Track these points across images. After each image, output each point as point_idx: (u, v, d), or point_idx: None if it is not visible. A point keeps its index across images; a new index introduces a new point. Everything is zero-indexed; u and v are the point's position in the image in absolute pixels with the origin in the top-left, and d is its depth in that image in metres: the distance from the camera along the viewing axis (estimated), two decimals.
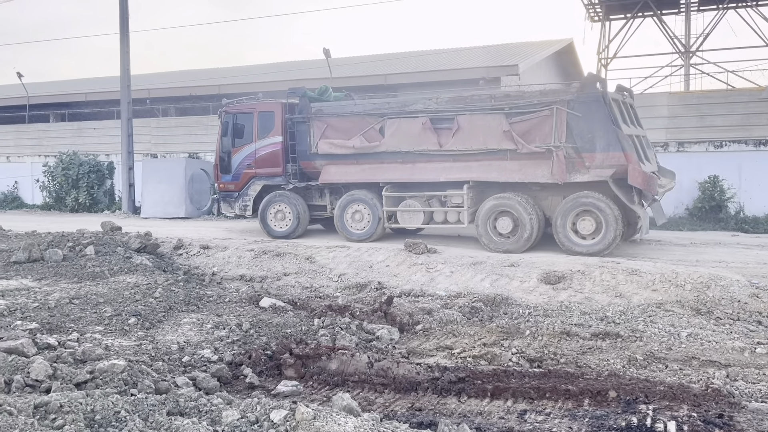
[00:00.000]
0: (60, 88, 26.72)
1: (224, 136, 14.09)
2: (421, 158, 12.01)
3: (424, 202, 12.16)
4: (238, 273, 10.84)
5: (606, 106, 10.49)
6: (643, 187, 10.39)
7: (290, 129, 13.29)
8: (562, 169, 10.66)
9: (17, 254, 9.96)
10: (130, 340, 6.65)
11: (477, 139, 11.45)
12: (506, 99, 11.46)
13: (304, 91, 13.49)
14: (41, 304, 7.68)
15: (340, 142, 12.64)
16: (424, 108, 12.00)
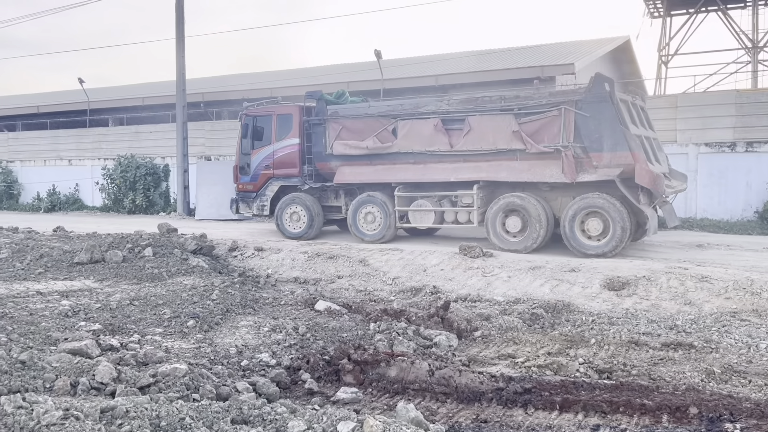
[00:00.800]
0: (118, 93, 27.53)
1: (244, 138, 14.45)
2: (433, 159, 12.21)
3: (435, 202, 12.34)
4: (292, 275, 10.83)
5: (613, 106, 10.50)
6: (650, 186, 10.33)
7: (307, 131, 13.65)
8: (571, 168, 10.74)
9: (80, 255, 10.19)
10: (189, 343, 6.66)
11: (487, 139, 11.59)
12: (516, 100, 11.57)
13: (321, 94, 13.87)
14: (103, 305, 7.80)
15: (354, 143, 12.90)
16: (435, 109, 12.22)
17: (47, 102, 28.25)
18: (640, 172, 10.27)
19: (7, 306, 7.40)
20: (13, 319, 6.93)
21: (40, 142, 25.72)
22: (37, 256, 10.48)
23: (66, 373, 4.91)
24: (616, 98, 10.56)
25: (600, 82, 10.75)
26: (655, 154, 11.41)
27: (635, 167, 10.30)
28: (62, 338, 6.34)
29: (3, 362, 5.14)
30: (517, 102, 11.46)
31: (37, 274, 9.40)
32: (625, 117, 10.63)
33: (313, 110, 13.69)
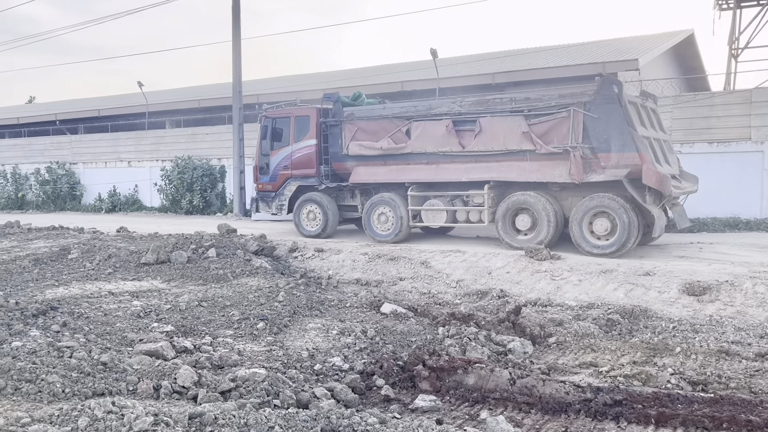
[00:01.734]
0: (175, 96, 28.10)
1: (263, 139, 14.88)
2: (445, 159, 12.46)
3: (447, 202, 12.55)
4: (353, 277, 10.74)
5: (621, 108, 10.63)
6: (657, 186, 10.44)
7: (324, 132, 13.99)
8: (579, 169, 10.91)
9: (146, 256, 10.34)
10: (261, 346, 6.62)
11: (498, 140, 11.81)
12: (526, 101, 11.74)
13: (338, 96, 14.16)
14: (173, 306, 7.85)
15: (369, 144, 13.23)
16: (448, 111, 12.46)
17: (107, 105, 29.05)
18: (647, 172, 10.39)
19: (81, 306, 7.52)
20: (88, 320, 7.04)
21: (101, 145, 26.47)
22: (105, 257, 10.69)
23: (147, 376, 4.90)
24: (624, 100, 10.67)
25: (608, 83, 10.86)
26: (665, 155, 11.54)
27: (642, 168, 10.42)
28: (137, 339, 6.39)
29: (85, 364, 5.18)
30: (527, 103, 11.65)
31: (107, 275, 9.56)
32: (633, 118, 10.73)
33: (330, 112, 14.02)
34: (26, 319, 6.75)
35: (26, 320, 6.73)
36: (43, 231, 15.92)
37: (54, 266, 10.17)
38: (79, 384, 4.72)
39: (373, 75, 21.91)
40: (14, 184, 28.03)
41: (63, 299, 7.75)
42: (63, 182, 26.35)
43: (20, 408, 4.33)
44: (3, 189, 28.32)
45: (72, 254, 10.93)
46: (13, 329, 6.34)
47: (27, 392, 4.57)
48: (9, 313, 6.78)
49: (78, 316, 7.13)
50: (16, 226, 16.96)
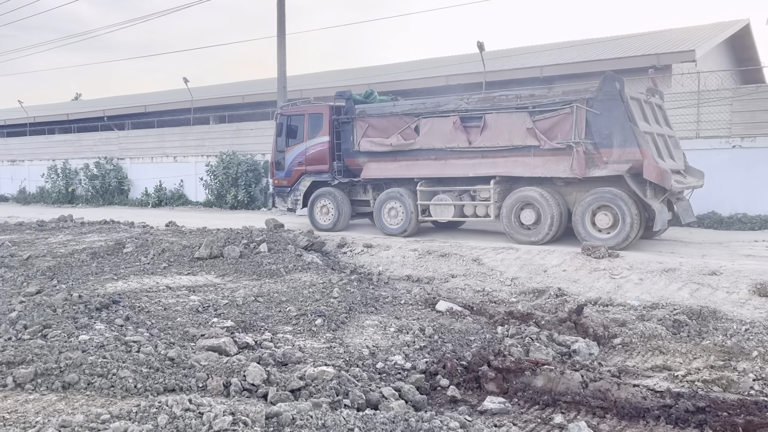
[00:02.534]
0: (219, 91, 28.39)
1: (279, 136, 15.28)
2: (452, 155, 12.69)
3: (455, 197, 12.72)
4: (404, 273, 10.63)
5: (623, 104, 10.75)
6: (657, 181, 10.57)
7: (336, 129, 14.36)
8: (582, 164, 11.07)
9: (200, 251, 10.41)
10: (320, 342, 6.56)
11: (503, 136, 12.00)
12: (531, 98, 11.88)
13: (350, 94, 14.54)
14: (230, 302, 7.87)
15: (379, 140, 13.54)
16: (455, 107, 12.68)
17: (153, 101, 29.55)
18: (647, 167, 10.53)
19: (141, 300, 7.59)
20: (149, 314, 7.09)
21: (148, 140, 26.93)
22: (159, 251, 10.80)
23: (216, 373, 4.88)
24: (626, 96, 10.78)
25: (610, 80, 10.97)
26: (669, 150, 11.71)
27: (643, 163, 10.56)
28: (199, 334, 6.40)
29: (153, 359, 5.19)
30: (532, 100, 11.81)
31: (163, 269, 9.66)
32: (635, 114, 10.82)
33: (343, 109, 14.35)
34: (90, 313, 6.84)
35: (90, 314, 6.82)
36: (95, 225, 16.25)
37: (110, 260, 10.32)
38: (149, 379, 4.72)
39: (414, 69, 21.73)
40: (64, 179, 28.77)
41: (123, 293, 7.83)
42: (111, 177, 26.91)
43: (95, 403, 4.35)
44: (54, 184, 29.08)
45: (127, 248, 11.08)
46: (78, 322, 6.43)
47: (100, 387, 4.60)
48: (74, 306, 6.87)
49: (139, 310, 7.19)
50: (69, 219, 17.35)
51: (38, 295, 7.51)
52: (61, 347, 5.48)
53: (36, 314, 6.53)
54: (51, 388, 4.58)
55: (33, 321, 6.39)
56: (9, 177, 32.71)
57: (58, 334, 6.02)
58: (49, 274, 8.94)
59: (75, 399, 4.41)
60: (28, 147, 32.33)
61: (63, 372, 4.75)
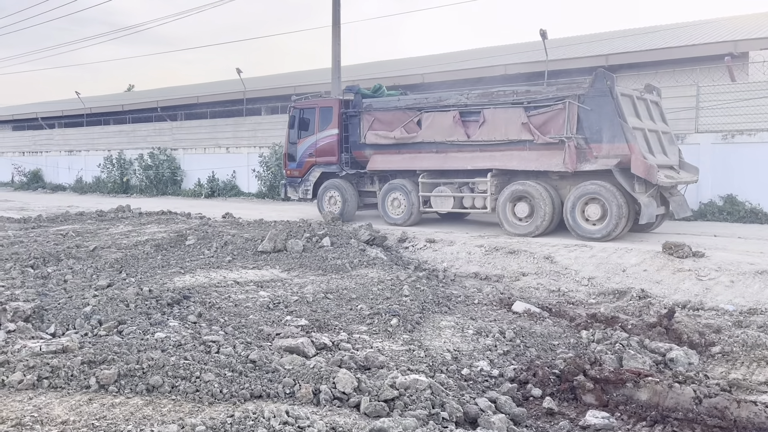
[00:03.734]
0: (271, 82, 28.39)
1: (291, 129, 15.97)
2: (452, 148, 13.18)
3: (455, 189, 13.27)
4: (470, 270, 10.25)
5: (613, 100, 11.08)
6: (644, 175, 10.91)
7: (345, 122, 14.95)
8: (573, 158, 11.47)
9: (263, 244, 10.25)
10: (398, 344, 6.25)
11: (500, 130, 12.43)
12: (526, 94, 12.28)
13: (358, 89, 15.15)
14: (300, 298, 7.64)
15: (384, 134, 14.09)
16: (455, 102, 13.15)
17: (206, 92, 29.76)
18: (635, 162, 10.89)
19: (211, 295, 7.43)
20: (220, 310, 6.91)
21: (200, 131, 27.11)
22: (221, 244, 10.69)
23: (303, 379, 4.62)
24: (616, 93, 11.10)
25: (601, 77, 11.30)
26: (662, 146, 12.01)
27: (631, 158, 10.92)
28: (274, 333, 6.17)
29: (234, 361, 4.97)
30: (527, 96, 12.22)
31: (228, 262, 9.51)
32: (624, 111, 11.12)
33: (351, 103, 14.94)
34: (162, 308, 6.69)
35: (162, 309, 6.67)
36: (153, 216, 16.34)
37: (174, 252, 10.25)
38: (234, 384, 4.49)
39: (472, 59, 21.16)
40: (119, 169, 29.27)
41: (192, 288, 7.68)
42: (164, 168, 27.23)
43: (182, 409, 4.14)
44: (109, 173, 29.63)
45: (189, 240, 11.01)
46: (152, 318, 6.28)
47: (184, 391, 4.39)
48: (146, 301, 6.74)
49: (210, 306, 7.02)
50: (127, 210, 17.53)
51: (109, 288, 7.43)
52: (139, 345, 5.32)
53: (110, 309, 6.41)
54: (135, 390, 4.40)
55: (107, 316, 6.28)
56: (66, 167, 33.52)
57: (133, 331, 5.89)
58: (116, 266, 8.89)
59: (161, 404, 4.21)
60: (84, 137, 33.04)
61: (146, 374, 4.57)
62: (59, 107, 38.93)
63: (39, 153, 35.47)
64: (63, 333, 5.98)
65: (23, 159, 36.12)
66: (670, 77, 16.00)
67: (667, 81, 15.95)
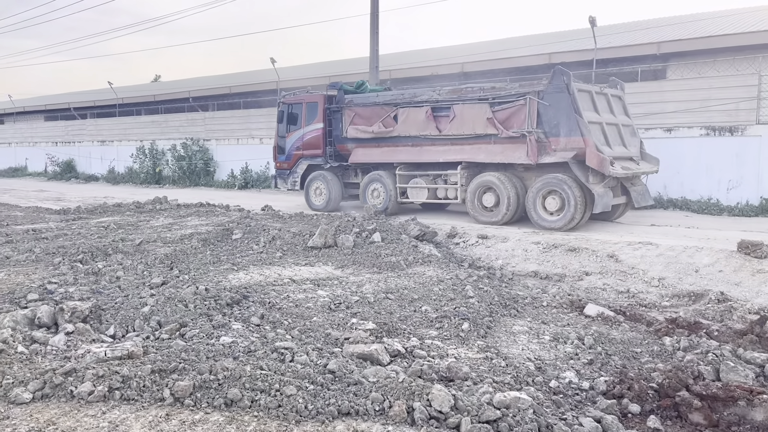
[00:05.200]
0: (305, 72, 28.02)
1: (280, 123, 16.89)
2: (426, 142, 13.94)
3: (429, 181, 14.11)
4: (528, 268, 9.79)
5: (570, 96, 11.65)
6: (597, 167, 11.48)
7: (329, 117, 15.81)
8: (534, 151, 12.13)
9: (313, 240, 9.91)
10: (474, 351, 5.84)
11: (468, 125, 13.13)
12: (491, 90, 13.02)
13: (341, 85, 16.03)
14: (360, 299, 7.27)
15: (363, 128, 14.92)
16: (428, 98, 13.91)
17: (238, 82, 29.51)
18: (589, 155, 11.48)
19: (270, 295, 7.09)
20: (281, 311, 6.57)
21: (233, 122, 26.87)
22: (269, 239, 10.37)
23: (392, 394, 4.24)
24: (573, 89, 11.65)
25: (559, 74, 11.86)
26: (622, 138, 12.57)
27: (586, 151, 11.50)
28: (342, 338, 5.81)
29: (311, 371, 4.62)
30: (492, 92, 12.93)
31: (279, 258, 9.19)
32: (580, 106, 11.63)
33: (334, 99, 15.74)
34: (222, 309, 6.37)
35: (222, 310, 6.36)
36: (191, 208, 16.13)
37: (222, 247, 9.95)
38: (318, 399, 4.14)
39: (515, 48, 20.54)
40: (152, 160, 29.22)
41: (249, 286, 7.36)
42: (197, 158, 27.09)
43: (267, 428, 3.80)
44: (142, 164, 29.61)
45: (235, 235, 10.71)
46: (214, 321, 5.96)
47: (266, 406, 4.05)
48: (204, 302, 6.42)
49: (270, 306, 6.69)
50: (164, 201, 17.35)
51: (164, 286, 7.13)
52: (207, 352, 5.00)
53: (168, 310, 6.11)
54: (212, 404, 4.07)
55: (167, 317, 5.98)
56: (99, 157, 33.64)
57: (196, 334, 5.57)
58: (166, 262, 8.60)
59: (244, 421, 3.87)
60: (117, 127, 33.08)
61: (222, 385, 4.23)
62: (91, 97, 39.07)
63: (72, 143, 35.64)
64: (123, 335, 5.70)
65: (56, 149, 36.35)
66: (729, 66, 15.27)
67: (726, 70, 15.24)
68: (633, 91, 15.68)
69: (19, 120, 43.58)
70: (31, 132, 39.65)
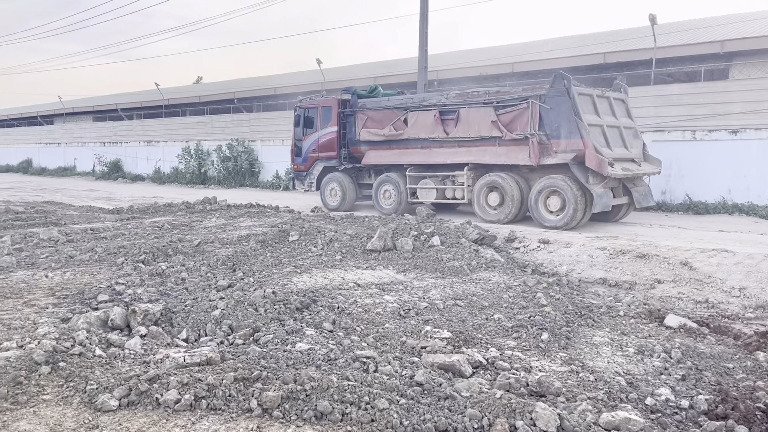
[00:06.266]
0: (351, 72, 27.93)
1: (296, 127, 17.53)
2: (434, 144, 14.39)
3: (438, 181, 14.60)
4: (595, 275, 9.41)
5: (570, 100, 12.04)
6: (596, 168, 11.80)
7: (343, 121, 16.37)
8: (536, 153, 12.52)
9: (372, 243, 9.71)
10: (557, 364, 5.55)
11: (474, 128, 13.59)
12: (496, 94, 13.44)
13: (355, 90, 16.62)
14: (429, 305, 7.03)
15: (375, 131, 15.45)
16: (436, 102, 14.40)
17: (283, 83, 29.58)
18: (588, 156, 11.82)
19: (337, 299, 6.91)
20: (352, 317, 6.38)
21: (278, 123, 26.89)
22: (326, 241, 10.21)
23: (489, 410, 3.99)
24: (573, 93, 12.02)
25: (560, 79, 12.25)
26: (623, 140, 12.90)
27: (585, 152, 11.85)
28: (419, 346, 5.58)
29: (398, 382, 4.40)
30: (497, 96, 13.35)
31: (339, 261, 9.01)
32: (580, 109, 12.00)
33: (348, 103, 16.27)
34: (293, 314, 6.22)
35: (293, 314, 6.20)
36: (242, 208, 16.14)
37: (281, 249, 9.83)
38: (412, 413, 3.92)
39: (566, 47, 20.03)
40: (197, 160, 29.51)
41: (316, 290, 7.19)
42: (243, 159, 27.23)
43: None
44: (187, 164, 29.93)
45: (292, 236, 10.58)
46: (286, 326, 5.80)
47: (358, 420, 3.84)
48: (274, 305, 6.28)
49: (340, 311, 6.50)
50: (213, 201, 17.41)
51: (230, 289, 7.02)
52: (286, 359, 4.84)
53: (240, 314, 5.97)
54: (302, 417, 3.88)
55: (238, 321, 5.84)
56: (145, 157, 34.16)
57: (270, 340, 5.41)
58: (228, 264, 8.51)
59: None
60: (163, 128, 33.54)
61: (309, 396, 4.05)
62: (138, 98, 39.75)
63: (119, 143, 36.30)
64: (195, 339, 5.58)
65: (104, 149, 37.09)
66: None
67: None
68: (695, 92, 15.11)
69: (69, 120, 44.67)
70: (80, 132, 40.55)
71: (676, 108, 15.14)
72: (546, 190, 12.57)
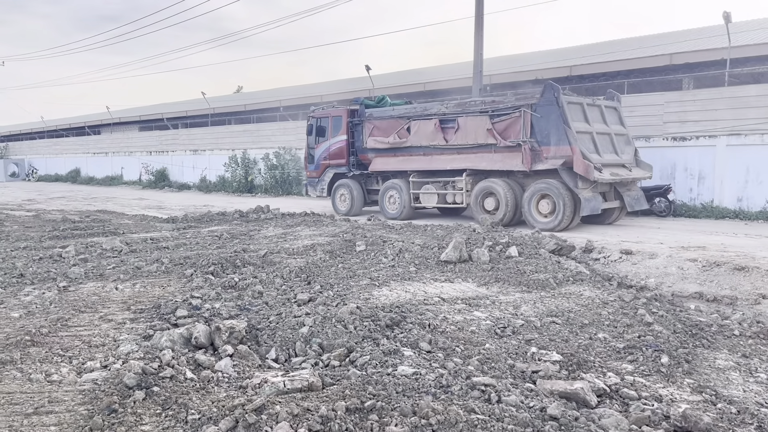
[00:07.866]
0: (400, 79, 27.54)
1: (309, 135, 18.40)
2: (435, 151, 15.19)
3: (439, 187, 15.30)
4: (689, 289, 8.71)
5: (559, 109, 12.74)
6: (583, 173, 12.47)
7: (351, 129, 17.23)
8: (529, 159, 13.31)
9: (447, 254, 9.20)
10: (686, 392, 4.95)
11: (471, 135, 14.37)
12: (491, 103, 14.24)
13: (362, 99, 17.63)
14: (525, 322, 6.48)
15: (380, 139, 16.28)
16: (436, 111, 15.22)
17: (329, 92, 29.34)
18: (576, 162, 12.48)
19: (426, 316, 6.42)
20: (446, 335, 5.87)
21: None
22: (396, 251, 9.76)
23: None
24: (562, 102, 12.74)
25: (550, 89, 13.00)
26: (614, 147, 13.57)
27: (573, 158, 12.51)
28: (529, 371, 5.05)
29: (528, 415, 3.87)
30: (492, 105, 14.17)
31: (414, 273, 8.53)
32: (569, 117, 12.68)
33: (356, 113, 17.12)
34: (383, 331, 5.76)
35: (383, 332, 5.74)
36: (297, 217, 15.85)
37: (350, 260, 9.40)
38: None
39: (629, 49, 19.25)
40: (243, 168, 29.46)
41: (401, 305, 6.72)
42: (290, 167, 27.04)
43: None
44: (234, 173, 29.91)
45: (359, 246, 10.16)
46: (381, 346, 5.33)
47: None
48: (363, 322, 5.82)
49: (432, 329, 6.01)
50: (267, 210, 17.16)
51: (311, 303, 6.60)
52: (394, 385, 4.36)
53: (330, 331, 5.53)
54: None
55: (329, 339, 5.40)
56: (191, 166, 34.35)
57: (368, 362, 4.95)
58: (302, 275, 8.11)
59: None
60: (209, 137, 33.68)
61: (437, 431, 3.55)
62: (183, 108, 40.13)
63: (165, 152, 36.63)
64: (285, 359, 5.16)
65: (150, 158, 37.47)
66: None
67: None
68: None
69: (116, 130, 45.40)
70: (126, 142, 41.12)
71: (754, 110, 14.28)
72: (537, 194, 13.28)
